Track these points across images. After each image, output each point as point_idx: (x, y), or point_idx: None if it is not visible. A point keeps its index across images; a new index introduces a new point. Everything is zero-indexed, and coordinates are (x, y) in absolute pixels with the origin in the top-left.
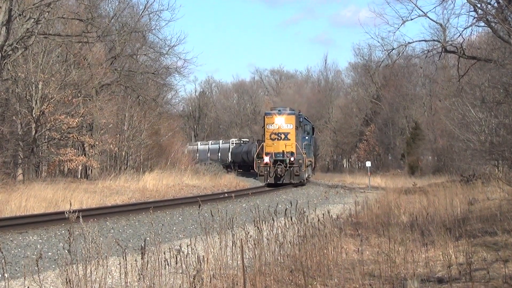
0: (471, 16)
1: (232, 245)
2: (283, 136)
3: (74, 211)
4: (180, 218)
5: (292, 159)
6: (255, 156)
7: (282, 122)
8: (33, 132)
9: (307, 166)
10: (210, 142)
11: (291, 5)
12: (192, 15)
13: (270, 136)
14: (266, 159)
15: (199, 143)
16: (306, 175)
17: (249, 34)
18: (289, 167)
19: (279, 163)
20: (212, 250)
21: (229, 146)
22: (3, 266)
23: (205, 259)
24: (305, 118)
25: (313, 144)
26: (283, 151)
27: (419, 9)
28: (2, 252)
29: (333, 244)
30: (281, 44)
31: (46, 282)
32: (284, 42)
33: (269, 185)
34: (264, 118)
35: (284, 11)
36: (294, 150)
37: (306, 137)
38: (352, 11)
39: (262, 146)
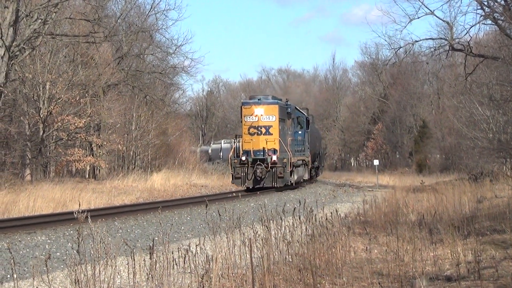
0: (478, 14)
1: (241, 244)
2: (263, 130)
3: (83, 211)
4: (188, 218)
5: (274, 158)
6: (230, 155)
7: (263, 113)
8: (41, 133)
9: (296, 166)
10: (233, 140)
11: (302, 4)
12: (202, 15)
13: (248, 130)
14: (243, 158)
15: (222, 141)
16: (296, 177)
17: (259, 33)
18: (271, 167)
19: (258, 162)
20: (220, 249)
21: None
22: (12, 267)
23: (214, 258)
24: (297, 108)
25: (308, 140)
26: (263, 148)
27: (426, 7)
28: (11, 253)
29: (341, 242)
30: (290, 43)
31: (55, 282)
32: (293, 41)
33: (247, 189)
34: (241, 108)
35: (295, 10)
36: (277, 147)
37: (299, 132)
38: (363, 10)
39: (239, 142)
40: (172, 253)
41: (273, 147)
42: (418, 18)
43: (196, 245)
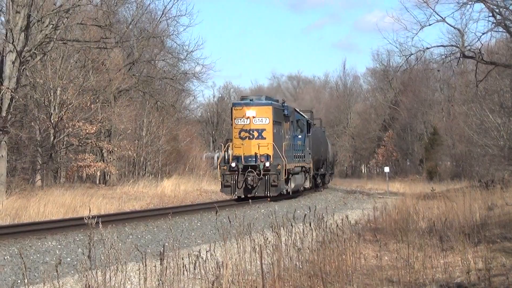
0: (490, 21)
1: (251, 250)
2: (255, 133)
3: (93, 217)
4: (198, 224)
5: (267, 164)
6: (218, 161)
7: (255, 115)
8: (52, 138)
9: (294, 174)
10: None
11: (315, 10)
12: (215, 21)
13: (239, 134)
14: (233, 164)
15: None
16: (293, 185)
17: (271, 40)
18: (263, 175)
19: (250, 169)
20: (230, 256)
21: None
22: (24, 272)
23: (224, 264)
24: (297, 110)
25: (310, 145)
26: (255, 153)
27: (437, 14)
28: (22, 258)
29: (351, 249)
30: (301, 50)
31: (66, 287)
32: (305, 47)
33: (238, 199)
34: (231, 110)
35: (308, 16)
36: (270, 153)
37: (299, 136)
38: (376, 17)
39: (228, 147)
40: (183, 259)
41: (266, 153)
42: (430, 25)
43: (206, 251)
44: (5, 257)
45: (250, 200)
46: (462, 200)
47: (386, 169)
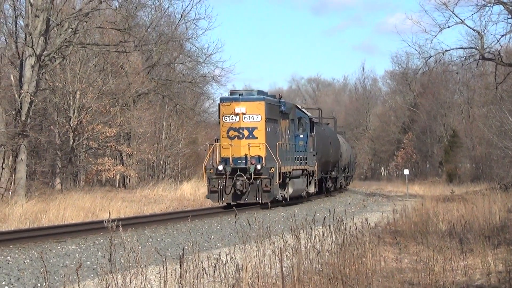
0: (509, 23)
1: (271, 253)
2: (246, 132)
3: (113, 220)
4: (218, 227)
5: (258, 167)
6: (203, 164)
7: (245, 112)
8: (71, 142)
9: (293, 177)
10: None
11: (338, 13)
12: (235, 24)
13: (227, 133)
14: (220, 167)
15: None
16: (291, 191)
17: (292, 43)
18: (254, 179)
19: (239, 173)
20: (250, 259)
21: None
22: (44, 275)
23: (244, 268)
24: (298, 107)
25: (314, 146)
26: (245, 155)
27: (456, 16)
28: (43, 261)
29: (371, 252)
30: (321, 52)
31: None
32: (325, 50)
33: (227, 206)
34: (218, 106)
35: (330, 19)
36: (263, 154)
37: (301, 135)
38: (398, 19)
39: (214, 148)
40: (202, 262)
41: (257, 154)
42: (449, 27)
43: (226, 254)
44: (25, 261)
45: (234, 208)
46: (482, 203)
47: (406, 172)
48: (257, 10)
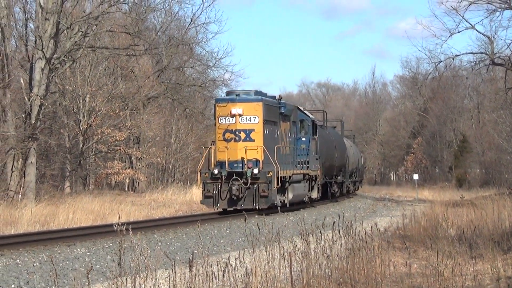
0: None
1: (280, 258)
2: (242, 135)
3: (122, 224)
4: (227, 231)
5: (256, 171)
6: (198, 168)
7: (241, 113)
8: (81, 145)
9: (293, 182)
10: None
11: (349, 17)
12: (245, 28)
13: (223, 135)
14: (216, 171)
15: None
16: (291, 196)
17: (302, 47)
18: (251, 183)
19: (235, 177)
20: (259, 263)
21: None
22: (54, 279)
23: (253, 272)
24: (300, 109)
25: (317, 149)
26: (242, 158)
27: (466, 21)
28: (53, 264)
29: (381, 257)
30: (331, 57)
31: None
32: (335, 54)
33: (223, 211)
34: (214, 107)
35: (341, 23)
36: (260, 157)
37: (303, 139)
38: (409, 24)
39: (209, 151)
40: (212, 266)
41: (254, 157)
42: (459, 32)
43: (235, 259)
44: (35, 264)
45: (224, 214)
46: (492, 208)
47: (415, 177)
48: (267, 14)
